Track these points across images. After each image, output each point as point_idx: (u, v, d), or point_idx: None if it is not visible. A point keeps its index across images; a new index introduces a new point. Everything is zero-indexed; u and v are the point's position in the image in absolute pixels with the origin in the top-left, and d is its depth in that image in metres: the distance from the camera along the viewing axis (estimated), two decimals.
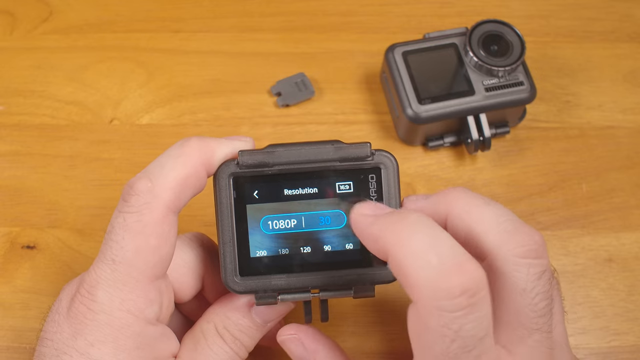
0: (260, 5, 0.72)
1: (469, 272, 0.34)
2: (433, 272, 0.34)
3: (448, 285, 0.34)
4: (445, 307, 0.34)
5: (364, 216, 0.39)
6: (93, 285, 0.40)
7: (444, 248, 0.35)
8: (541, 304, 0.38)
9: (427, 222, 0.36)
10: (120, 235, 0.40)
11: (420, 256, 0.35)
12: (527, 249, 0.38)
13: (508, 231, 0.39)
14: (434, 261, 0.34)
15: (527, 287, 0.38)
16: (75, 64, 0.69)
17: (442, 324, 0.34)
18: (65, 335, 0.40)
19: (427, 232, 0.36)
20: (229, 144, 0.44)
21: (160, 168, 0.41)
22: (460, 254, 0.35)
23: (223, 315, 0.45)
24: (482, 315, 0.35)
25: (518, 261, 0.38)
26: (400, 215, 0.37)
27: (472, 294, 0.34)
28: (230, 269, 0.44)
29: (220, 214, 0.43)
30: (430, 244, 0.35)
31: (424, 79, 0.62)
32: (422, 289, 0.35)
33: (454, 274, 0.34)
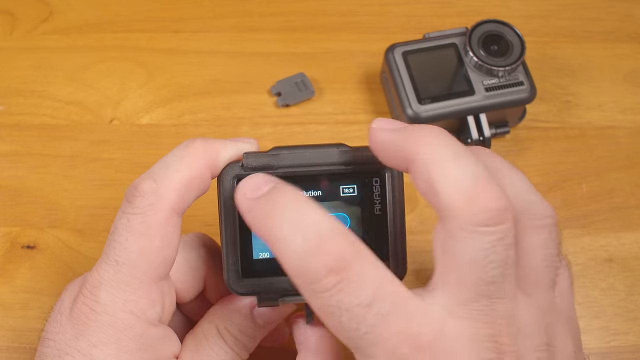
0: (260, 5, 0.72)
1: (331, 249, 0.33)
2: (298, 257, 0.34)
3: (312, 268, 0.33)
4: (317, 289, 0.34)
5: (244, 199, 0.37)
6: (96, 286, 0.40)
7: (308, 227, 0.34)
8: (493, 272, 0.35)
9: (295, 201, 0.35)
10: (123, 236, 0.40)
11: (286, 242, 0.34)
12: (485, 216, 0.34)
13: (469, 193, 0.34)
14: (298, 245, 0.34)
15: (479, 255, 0.34)
16: (75, 64, 0.69)
17: (321, 304, 0.34)
18: (68, 335, 0.40)
19: (294, 213, 0.35)
20: (234, 145, 0.43)
21: (164, 169, 0.41)
22: (325, 229, 0.34)
23: (224, 316, 0.45)
24: (359, 285, 0.34)
25: (473, 229, 0.34)
26: (269, 200, 0.36)
27: (339, 270, 0.33)
28: (233, 270, 0.44)
29: (224, 215, 0.43)
30: (296, 226, 0.34)
31: (424, 79, 0.62)
32: (294, 276, 0.34)
33: (316, 255, 0.33)
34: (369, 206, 0.44)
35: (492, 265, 0.35)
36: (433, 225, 0.40)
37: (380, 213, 0.44)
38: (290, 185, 0.37)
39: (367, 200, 0.44)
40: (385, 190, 0.44)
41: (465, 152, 0.35)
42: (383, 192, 0.44)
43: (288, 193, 0.36)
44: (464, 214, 0.34)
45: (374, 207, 0.44)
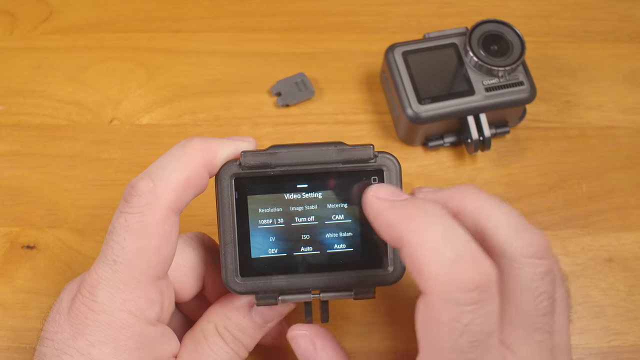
0: (260, 5, 0.72)
1: (483, 267, 0.35)
2: (447, 265, 0.35)
3: (462, 277, 0.34)
4: (457, 300, 0.34)
5: (379, 200, 0.39)
6: (94, 285, 0.40)
7: (459, 241, 0.35)
8: (543, 303, 0.39)
9: (445, 214, 0.37)
10: (121, 235, 0.40)
11: (436, 248, 0.35)
12: (534, 249, 0.38)
13: (518, 230, 0.39)
14: (449, 254, 0.35)
15: (532, 285, 0.38)
16: (75, 64, 0.69)
17: (452, 316, 0.35)
18: (66, 335, 0.40)
19: (444, 223, 0.36)
20: (231, 144, 0.44)
21: (162, 169, 0.41)
22: (475, 249, 0.35)
23: (223, 315, 0.45)
24: (491, 311, 0.35)
25: (524, 260, 0.38)
26: (417, 204, 0.37)
27: (484, 289, 0.34)
28: (231, 269, 0.44)
29: (222, 214, 0.43)
30: (447, 236, 0.35)
31: (424, 79, 0.62)
32: (436, 281, 0.35)
33: (468, 268, 0.34)
34: None
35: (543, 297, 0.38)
36: None
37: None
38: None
39: None
40: None
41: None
42: None
43: (435, 205, 0.37)
44: (516, 249, 0.38)
45: None
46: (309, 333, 0.45)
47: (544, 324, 0.39)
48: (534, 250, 0.38)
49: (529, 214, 0.62)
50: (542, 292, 0.39)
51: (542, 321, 0.39)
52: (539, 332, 0.39)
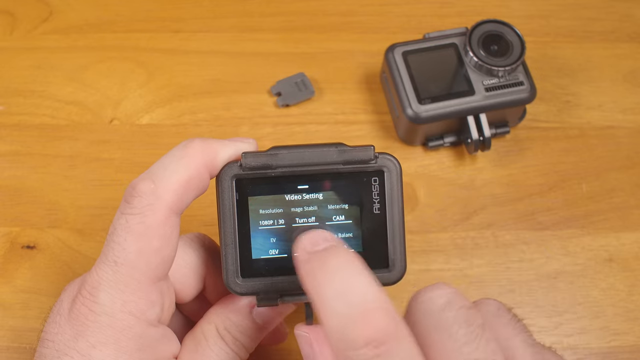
0: (260, 5, 0.72)
1: (374, 321, 0.33)
2: (340, 322, 0.34)
3: (352, 336, 0.33)
4: (351, 358, 0.33)
5: (302, 251, 0.38)
6: (95, 286, 0.40)
7: (355, 295, 0.34)
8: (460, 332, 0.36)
9: (347, 266, 0.36)
10: (122, 236, 0.40)
11: (330, 304, 0.34)
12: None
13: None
14: (342, 310, 0.34)
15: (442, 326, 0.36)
16: (75, 64, 0.69)
17: None
18: (67, 336, 0.40)
19: (343, 277, 0.35)
20: (232, 145, 0.43)
21: (163, 170, 0.41)
22: (372, 300, 0.34)
23: (224, 316, 0.45)
24: None
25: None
26: (321, 258, 0.37)
27: (377, 345, 0.33)
28: (232, 270, 0.44)
29: (223, 215, 0.43)
30: (343, 291, 0.34)
31: (424, 79, 0.62)
32: (332, 339, 0.34)
33: (358, 324, 0.33)
34: (368, 205, 0.44)
35: None
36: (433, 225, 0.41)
37: (379, 212, 0.44)
38: (347, 248, 0.37)
39: (366, 199, 0.44)
40: (384, 189, 0.44)
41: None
42: (382, 191, 0.44)
43: (341, 255, 0.36)
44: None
45: (372, 206, 0.44)
46: (308, 335, 0.45)
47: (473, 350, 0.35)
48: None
49: (529, 214, 0.62)
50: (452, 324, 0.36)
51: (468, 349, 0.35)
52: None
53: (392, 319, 0.34)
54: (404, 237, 0.44)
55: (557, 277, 0.60)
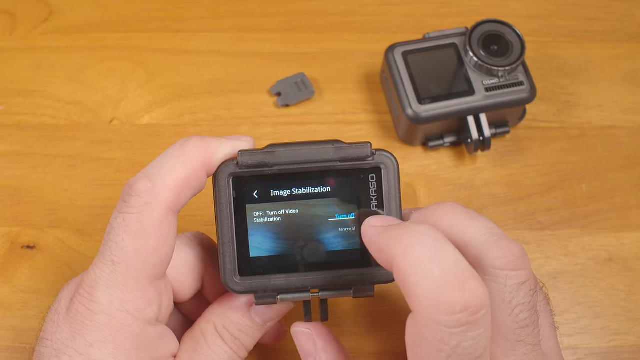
0: (260, 5, 0.72)
1: (471, 288, 0.34)
2: (434, 285, 0.34)
3: (449, 300, 0.34)
4: (443, 322, 0.34)
5: (373, 227, 0.39)
6: (92, 285, 0.40)
7: (448, 261, 0.35)
8: (522, 315, 0.38)
9: (434, 234, 0.36)
10: (119, 236, 0.40)
11: (422, 266, 0.34)
12: (505, 261, 0.38)
13: (487, 244, 0.39)
14: (437, 273, 0.34)
15: (506, 298, 0.38)
16: (75, 64, 0.69)
17: (439, 338, 0.34)
18: (65, 335, 0.40)
19: (432, 243, 0.35)
20: (229, 143, 0.43)
21: (160, 168, 0.41)
22: (465, 268, 0.35)
23: (222, 315, 0.45)
24: (481, 334, 0.34)
25: (496, 272, 0.38)
26: (406, 226, 0.37)
27: (472, 312, 0.34)
28: (230, 269, 0.44)
29: (220, 214, 0.43)
30: (434, 255, 0.35)
31: (424, 79, 0.62)
32: (422, 301, 0.34)
33: (456, 289, 0.34)
34: (366, 202, 0.44)
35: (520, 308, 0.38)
36: None
37: (377, 209, 0.44)
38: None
39: (363, 196, 0.44)
40: (382, 186, 0.44)
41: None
42: (379, 188, 0.44)
43: (423, 224, 0.37)
44: (486, 262, 0.38)
45: (370, 203, 0.44)
46: (311, 331, 0.45)
47: (526, 336, 0.39)
48: (506, 263, 0.38)
49: (529, 214, 0.62)
50: (518, 303, 0.38)
51: (524, 333, 0.39)
52: (521, 344, 0.38)
53: (486, 290, 0.35)
54: None
55: (557, 277, 0.60)
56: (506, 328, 0.38)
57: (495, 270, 0.38)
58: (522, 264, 0.39)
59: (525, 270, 0.39)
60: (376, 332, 0.57)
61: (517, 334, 0.38)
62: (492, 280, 0.38)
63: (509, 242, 0.39)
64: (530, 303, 0.39)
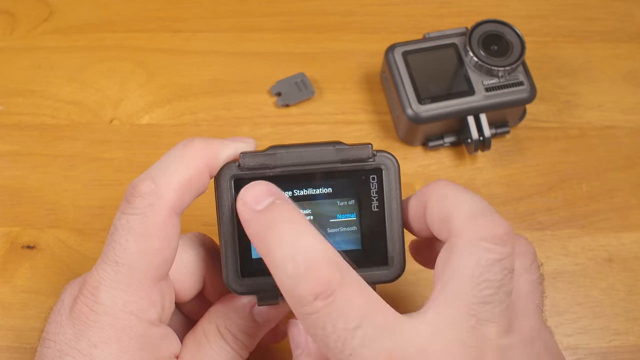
0: (260, 5, 0.72)
1: (319, 275, 0.36)
2: (290, 282, 0.36)
3: (301, 293, 0.36)
4: (305, 312, 0.36)
5: (245, 208, 0.39)
6: (96, 286, 0.40)
7: (300, 253, 0.37)
8: (486, 291, 0.37)
9: (292, 225, 0.38)
10: (123, 237, 0.40)
11: (280, 267, 0.37)
12: (489, 232, 0.38)
13: (475, 214, 0.39)
14: (291, 270, 0.36)
15: (476, 271, 0.37)
16: (75, 64, 0.69)
17: (309, 326, 0.37)
18: (68, 336, 0.40)
19: (288, 238, 0.37)
20: (232, 145, 0.43)
21: (163, 169, 0.41)
22: (315, 255, 0.37)
23: (224, 315, 0.45)
24: (345, 309, 0.36)
25: (477, 243, 0.38)
26: (268, 219, 0.38)
27: (326, 295, 0.36)
28: (232, 270, 0.44)
29: (222, 215, 0.43)
30: (290, 252, 0.37)
31: (424, 79, 0.62)
32: (287, 299, 0.37)
33: (304, 281, 0.36)
34: (367, 203, 0.44)
35: (486, 284, 0.37)
36: None
37: (378, 210, 0.44)
38: (289, 202, 0.39)
39: (364, 197, 0.44)
40: (383, 187, 0.44)
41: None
42: (380, 189, 0.44)
43: (285, 212, 0.38)
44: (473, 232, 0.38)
45: (371, 204, 0.44)
46: None
47: (482, 312, 0.37)
48: (488, 235, 0.38)
49: (529, 214, 0.62)
50: (486, 279, 0.37)
51: (481, 309, 0.37)
52: (473, 318, 0.37)
53: (337, 268, 0.36)
54: (402, 235, 0.44)
55: (557, 277, 0.60)
56: (464, 300, 0.37)
57: (476, 241, 0.38)
58: (505, 240, 0.38)
59: (507, 248, 0.38)
60: None
61: (473, 309, 0.37)
62: (469, 251, 0.38)
63: (498, 217, 0.39)
64: (500, 281, 0.38)
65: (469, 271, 0.38)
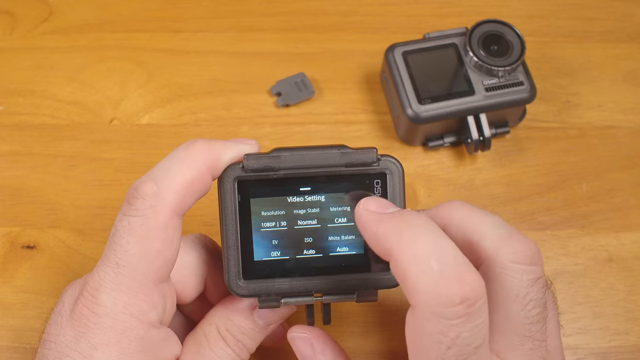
0: (260, 5, 0.72)
1: (469, 281, 0.35)
2: (433, 278, 0.35)
3: (447, 292, 0.34)
4: (443, 314, 0.34)
5: (369, 212, 0.39)
6: (97, 288, 0.40)
7: (446, 255, 0.35)
8: (534, 310, 0.39)
9: (432, 227, 0.37)
10: (124, 238, 0.40)
11: (422, 260, 0.35)
12: (522, 255, 0.39)
13: (504, 238, 0.39)
14: (435, 267, 0.35)
15: (520, 292, 0.39)
16: (75, 64, 0.68)
17: (438, 330, 0.35)
18: (68, 337, 0.40)
19: (431, 237, 0.36)
20: (235, 147, 0.43)
21: (165, 171, 0.41)
22: (462, 262, 0.35)
23: (225, 317, 0.45)
24: (479, 324, 0.35)
25: (512, 266, 0.39)
26: (405, 217, 0.37)
27: (470, 303, 0.35)
28: (234, 272, 0.44)
29: (225, 217, 0.43)
30: (433, 249, 0.35)
31: (424, 79, 0.62)
32: (421, 294, 0.35)
33: (454, 282, 0.35)
34: None
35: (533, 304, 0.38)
36: None
37: None
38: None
39: None
40: (387, 191, 0.44)
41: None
42: (384, 194, 0.44)
43: (422, 217, 0.38)
44: (504, 255, 0.38)
45: None
46: (308, 335, 0.45)
47: (535, 332, 0.39)
48: (522, 257, 0.39)
49: (529, 214, 0.62)
50: (531, 299, 0.39)
51: (534, 329, 0.39)
52: (529, 339, 0.39)
53: (483, 282, 0.36)
54: None
55: (557, 277, 0.60)
56: (517, 322, 0.39)
57: (511, 264, 0.39)
58: (537, 260, 0.39)
59: (540, 267, 0.39)
60: (376, 332, 0.57)
61: (527, 329, 0.39)
62: (507, 274, 0.39)
63: (524, 238, 0.39)
64: (542, 299, 0.39)
65: (513, 294, 0.38)
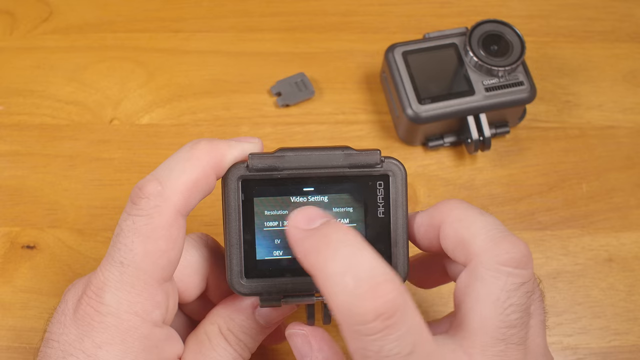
0: (260, 5, 0.72)
1: (383, 294, 0.34)
2: (348, 297, 0.34)
3: (361, 310, 0.34)
4: (361, 332, 0.34)
5: (294, 230, 0.38)
6: (100, 287, 0.40)
7: (362, 269, 0.35)
8: (513, 315, 0.39)
9: (351, 240, 0.36)
10: (129, 238, 0.40)
11: (337, 279, 0.35)
12: (510, 257, 0.39)
13: (495, 238, 0.40)
14: (350, 284, 0.34)
15: (501, 296, 0.39)
16: (75, 64, 0.68)
17: (362, 346, 0.35)
18: (72, 336, 0.40)
19: (348, 251, 0.35)
20: (239, 146, 0.43)
21: (169, 171, 0.41)
22: (379, 273, 0.35)
23: (227, 316, 0.45)
24: (403, 333, 0.35)
25: (499, 268, 0.39)
26: (325, 231, 0.37)
27: (387, 317, 0.34)
28: (236, 271, 0.44)
29: (228, 216, 0.43)
30: (349, 265, 0.35)
31: (424, 79, 0.62)
32: (339, 315, 0.35)
33: (367, 298, 0.34)
34: (373, 209, 0.44)
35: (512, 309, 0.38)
36: None
37: (384, 216, 0.44)
38: (343, 223, 0.39)
39: (370, 203, 0.44)
40: (389, 193, 0.44)
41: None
42: (387, 196, 0.44)
43: (342, 230, 0.37)
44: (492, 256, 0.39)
45: (377, 210, 0.44)
46: (306, 332, 0.45)
47: (510, 336, 0.39)
48: (510, 260, 0.39)
49: (529, 214, 0.62)
50: (512, 304, 0.39)
51: (509, 333, 0.39)
52: (502, 342, 0.39)
53: (400, 291, 0.35)
54: (407, 242, 0.44)
55: (557, 277, 0.60)
56: (492, 325, 0.39)
57: (498, 266, 0.39)
58: (526, 263, 0.39)
59: (528, 270, 0.39)
60: None
61: (502, 333, 0.39)
62: (492, 276, 0.39)
63: (516, 240, 0.40)
64: (525, 304, 0.39)
65: (494, 296, 0.39)
